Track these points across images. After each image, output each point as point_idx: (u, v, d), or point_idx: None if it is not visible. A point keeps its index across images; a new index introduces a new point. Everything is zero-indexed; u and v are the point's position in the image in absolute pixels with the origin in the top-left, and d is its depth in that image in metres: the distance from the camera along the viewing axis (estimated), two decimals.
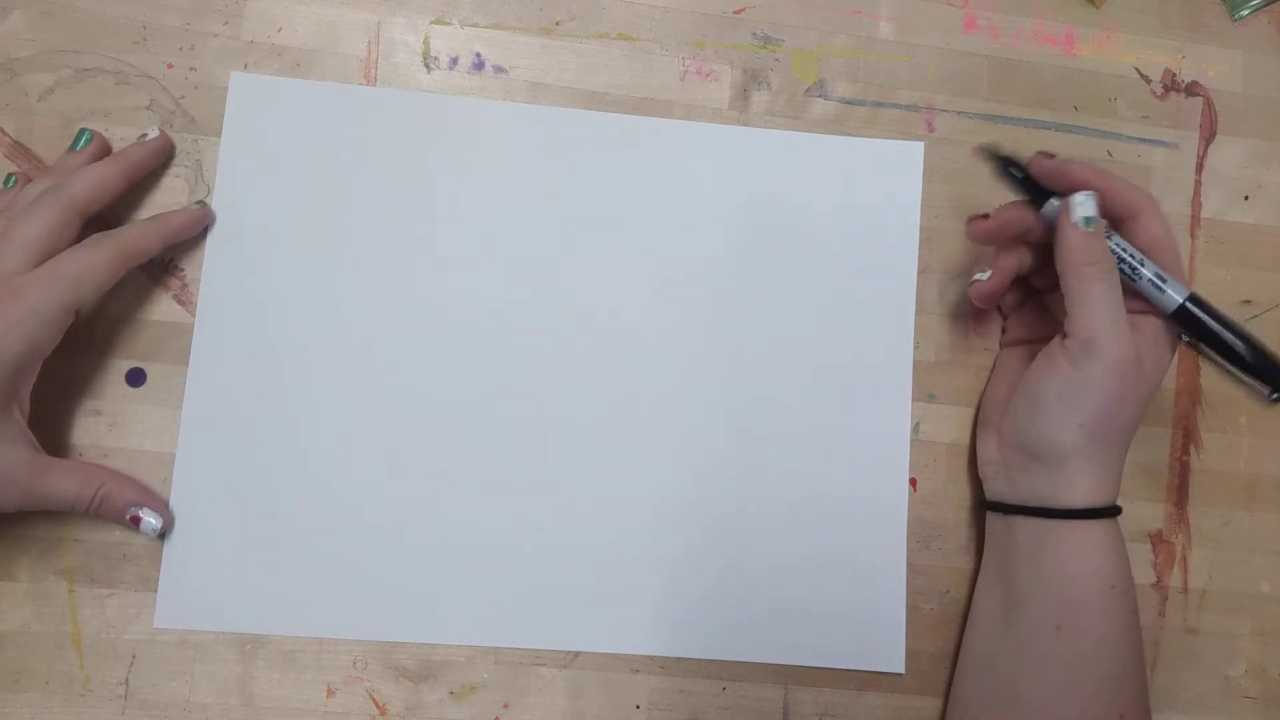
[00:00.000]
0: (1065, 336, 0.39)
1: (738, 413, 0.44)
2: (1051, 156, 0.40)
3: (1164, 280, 0.39)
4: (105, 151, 0.42)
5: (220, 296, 0.42)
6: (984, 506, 0.43)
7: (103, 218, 0.41)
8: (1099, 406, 0.38)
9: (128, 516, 0.39)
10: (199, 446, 0.41)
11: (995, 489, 0.42)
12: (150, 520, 0.39)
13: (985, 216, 0.41)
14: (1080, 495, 0.39)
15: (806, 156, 0.46)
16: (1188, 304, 0.39)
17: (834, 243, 0.45)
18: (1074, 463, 0.39)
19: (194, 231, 0.42)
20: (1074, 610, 0.38)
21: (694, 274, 0.44)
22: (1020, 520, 0.41)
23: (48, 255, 0.37)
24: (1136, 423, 0.39)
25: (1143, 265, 0.39)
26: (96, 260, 0.38)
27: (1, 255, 0.37)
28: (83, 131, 0.42)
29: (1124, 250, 0.39)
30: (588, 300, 0.44)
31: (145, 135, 0.42)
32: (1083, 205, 0.38)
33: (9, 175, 0.41)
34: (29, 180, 0.41)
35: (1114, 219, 0.40)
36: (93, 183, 0.39)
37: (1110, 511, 0.39)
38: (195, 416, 0.41)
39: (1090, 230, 0.38)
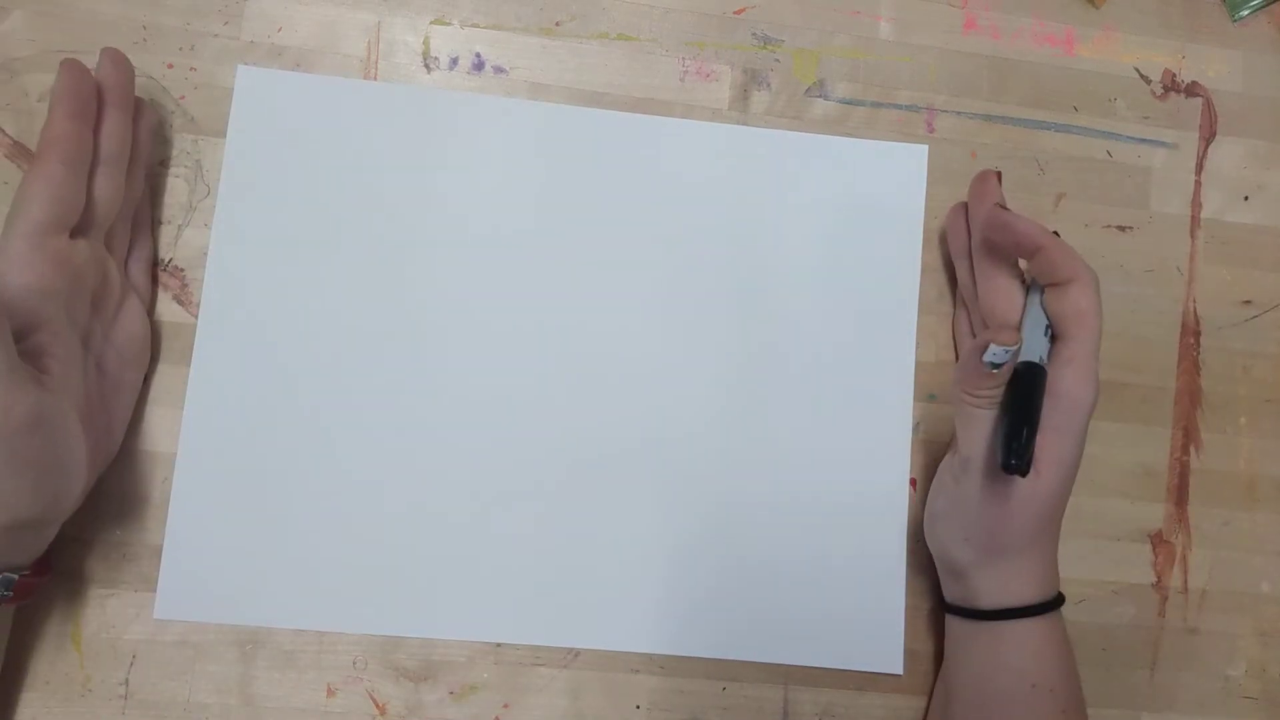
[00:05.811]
0: (953, 453, 0.40)
1: (738, 411, 0.44)
2: (1006, 208, 0.40)
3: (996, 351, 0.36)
4: None
5: (224, 290, 0.42)
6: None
7: None
8: (980, 523, 0.38)
9: None
10: (201, 439, 0.41)
11: (943, 585, 0.43)
12: None
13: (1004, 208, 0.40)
14: (987, 599, 0.39)
15: (811, 157, 0.46)
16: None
17: (837, 243, 0.45)
18: (972, 573, 0.39)
19: None
20: (994, 710, 0.39)
21: (696, 272, 0.44)
22: (952, 618, 0.41)
23: None
24: (1040, 528, 0.38)
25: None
26: None
27: None
28: None
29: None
30: (590, 298, 0.44)
31: None
32: (995, 354, 0.36)
33: None
34: None
35: (1047, 282, 0.38)
36: None
37: (1025, 611, 0.38)
38: (198, 409, 0.41)
39: (992, 371, 0.36)
